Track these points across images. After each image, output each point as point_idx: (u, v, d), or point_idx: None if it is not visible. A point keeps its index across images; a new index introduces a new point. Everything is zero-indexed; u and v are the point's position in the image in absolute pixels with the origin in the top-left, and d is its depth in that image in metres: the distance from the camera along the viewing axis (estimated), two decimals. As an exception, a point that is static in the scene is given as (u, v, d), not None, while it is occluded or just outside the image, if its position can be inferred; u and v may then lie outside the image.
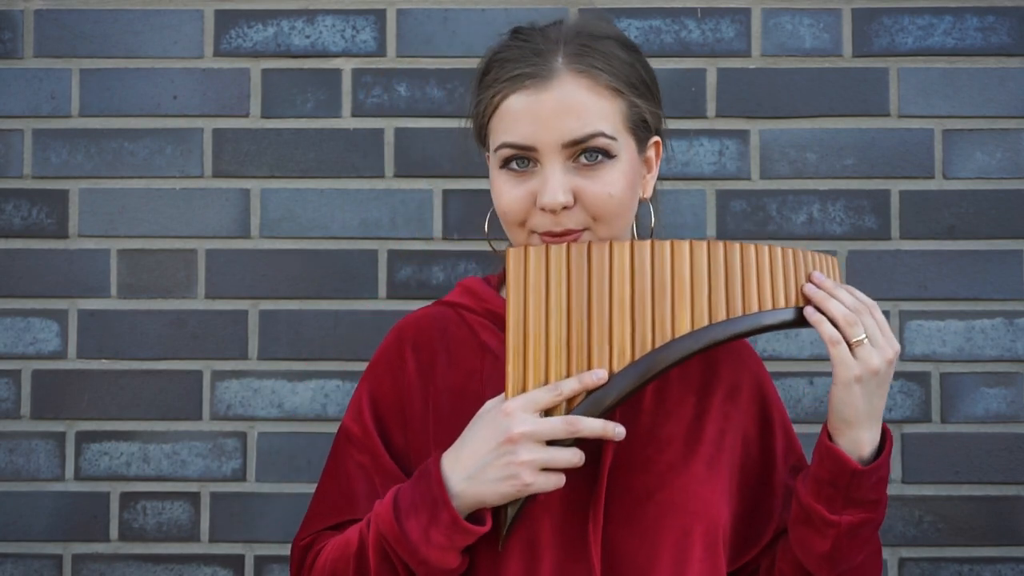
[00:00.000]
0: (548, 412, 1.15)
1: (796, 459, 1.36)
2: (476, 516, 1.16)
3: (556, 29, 1.24)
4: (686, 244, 1.17)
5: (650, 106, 1.26)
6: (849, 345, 1.16)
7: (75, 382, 1.83)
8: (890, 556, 1.80)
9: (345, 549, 1.20)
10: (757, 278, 1.17)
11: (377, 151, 1.84)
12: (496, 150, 1.22)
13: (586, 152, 1.19)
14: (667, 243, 1.17)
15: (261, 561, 1.80)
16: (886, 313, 1.81)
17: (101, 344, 1.83)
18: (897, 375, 1.81)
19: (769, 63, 1.85)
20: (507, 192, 1.21)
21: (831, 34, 1.84)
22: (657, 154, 1.31)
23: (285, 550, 1.79)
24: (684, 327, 1.15)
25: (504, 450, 1.12)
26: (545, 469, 1.13)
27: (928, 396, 1.81)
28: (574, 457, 1.13)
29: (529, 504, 1.18)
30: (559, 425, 1.13)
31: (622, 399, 1.15)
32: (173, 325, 1.83)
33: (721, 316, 1.16)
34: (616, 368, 1.15)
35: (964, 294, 1.82)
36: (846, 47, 1.84)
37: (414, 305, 1.81)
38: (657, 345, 1.15)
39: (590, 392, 1.15)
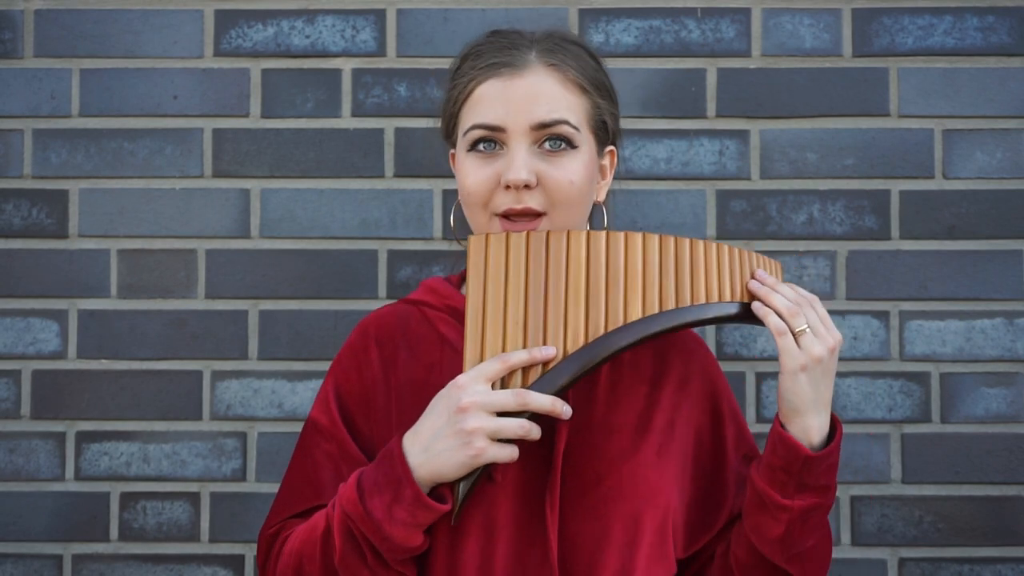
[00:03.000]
0: (503, 387, 1.20)
1: (747, 448, 1.41)
2: (437, 495, 1.20)
3: (530, 32, 1.34)
4: (639, 236, 1.23)
5: (611, 109, 1.35)
6: (793, 335, 1.22)
7: (75, 382, 1.83)
8: (890, 556, 1.80)
9: (312, 532, 1.24)
10: (705, 272, 1.24)
11: (377, 151, 1.84)
12: (466, 133, 1.29)
13: (551, 138, 1.27)
14: (621, 234, 1.23)
15: (261, 561, 1.81)
16: (886, 313, 1.82)
17: (101, 344, 1.83)
18: (897, 375, 1.81)
19: (769, 63, 1.85)
20: (473, 173, 1.28)
21: (831, 34, 1.84)
22: (611, 164, 1.39)
23: (285, 550, 1.80)
24: (636, 314, 1.21)
25: (455, 419, 1.17)
26: (499, 441, 1.18)
27: (928, 396, 1.81)
28: (522, 428, 1.17)
29: (487, 487, 1.24)
30: (508, 397, 1.17)
31: (574, 380, 1.20)
32: (173, 325, 1.83)
33: (670, 305, 1.22)
34: (570, 351, 1.20)
35: (964, 294, 1.82)
36: (846, 47, 1.84)
37: (414, 305, 1.82)
38: (610, 330, 1.21)
39: (544, 369, 1.20)
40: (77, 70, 1.86)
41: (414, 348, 1.34)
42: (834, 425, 1.27)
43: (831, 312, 1.81)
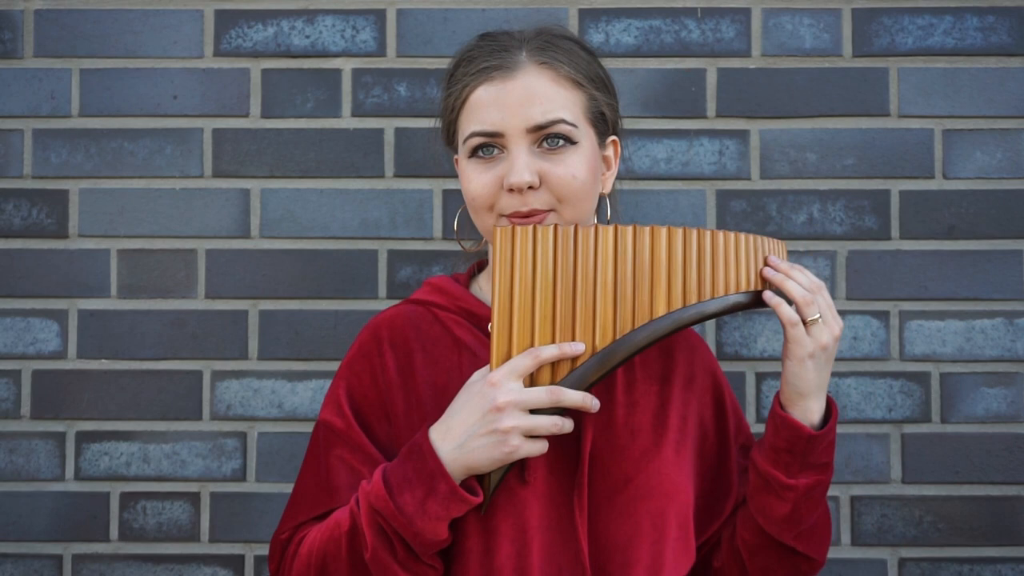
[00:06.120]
0: (533, 383, 1.21)
1: (745, 439, 1.45)
2: (466, 487, 1.22)
3: (520, 32, 1.34)
4: (664, 230, 1.24)
5: (608, 99, 1.34)
6: (804, 323, 1.25)
7: (75, 382, 1.83)
8: (890, 556, 1.80)
9: (335, 531, 1.25)
10: (724, 262, 1.26)
11: (377, 151, 1.84)
12: (465, 140, 1.30)
13: (549, 137, 1.28)
14: (647, 228, 1.24)
15: (261, 561, 1.80)
16: (886, 313, 1.82)
17: (101, 344, 1.83)
18: (897, 375, 1.81)
19: (769, 63, 1.85)
20: (476, 178, 1.29)
21: (831, 34, 1.84)
22: (615, 153, 1.39)
23: (285, 550, 1.80)
24: (661, 309, 1.23)
25: (491, 418, 1.19)
26: (530, 436, 1.20)
27: (928, 396, 1.81)
28: (555, 425, 1.20)
29: (517, 491, 1.26)
30: (542, 395, 1.20)
31: (604, 375, 1.22)
32: (173, 325, 1.83)
33: (694, 299, 1.24)
34: (599, 346, 1.21)
35: (964, 294, 1.82)
36: (846, 47, 1.84)
37: (414, 305, 1.82)
38: (637, 325, 1.22)
39: (572, 364, 1.21)
40: (77, 70, 1.86)
41: (430, 351, 1.34)
42: (829, 405, 1.31)
43: (831, 312, 1.82)
